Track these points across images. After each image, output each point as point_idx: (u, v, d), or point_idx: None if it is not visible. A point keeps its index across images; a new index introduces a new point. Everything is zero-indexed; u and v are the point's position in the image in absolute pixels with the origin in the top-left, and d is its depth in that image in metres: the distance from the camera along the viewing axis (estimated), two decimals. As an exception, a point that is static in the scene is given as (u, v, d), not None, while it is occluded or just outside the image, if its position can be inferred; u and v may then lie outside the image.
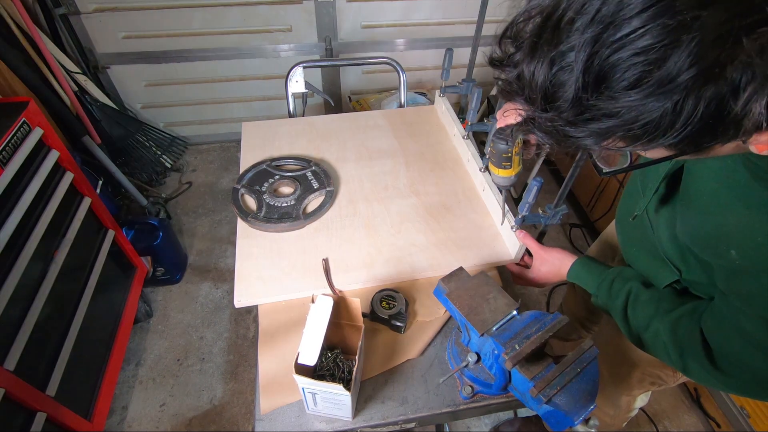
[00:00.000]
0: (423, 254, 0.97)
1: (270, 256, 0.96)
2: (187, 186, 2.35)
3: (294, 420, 0.76)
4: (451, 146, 1.26)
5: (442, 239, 1.00)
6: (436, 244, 0.99)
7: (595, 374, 0.63)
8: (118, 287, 1.58)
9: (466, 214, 1.06)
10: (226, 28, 2.15)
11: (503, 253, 0.98)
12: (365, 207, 1.07)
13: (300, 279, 0.92)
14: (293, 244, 0.98)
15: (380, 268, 0.94)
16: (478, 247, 0.99)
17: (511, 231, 0.96)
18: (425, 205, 1.08)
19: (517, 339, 0.66)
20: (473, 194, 1.12)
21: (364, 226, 1.03)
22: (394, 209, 1.07)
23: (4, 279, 1.04)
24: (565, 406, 0.60)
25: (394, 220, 1.04)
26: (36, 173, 1.19)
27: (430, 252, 0.97)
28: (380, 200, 1.09)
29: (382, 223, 1.03)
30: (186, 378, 1.61)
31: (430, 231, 1.02)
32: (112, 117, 2.11)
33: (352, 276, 0.93)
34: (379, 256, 0.96)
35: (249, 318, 1.80)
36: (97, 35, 2.07)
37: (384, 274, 0.93)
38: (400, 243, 0.99)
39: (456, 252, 0.98)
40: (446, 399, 0.79)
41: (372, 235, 1.01)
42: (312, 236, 1.00)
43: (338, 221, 1.04)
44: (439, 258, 0.96)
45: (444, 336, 0.88)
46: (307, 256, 0.96)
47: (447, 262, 0.95)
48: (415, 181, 1.15)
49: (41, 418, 1.07)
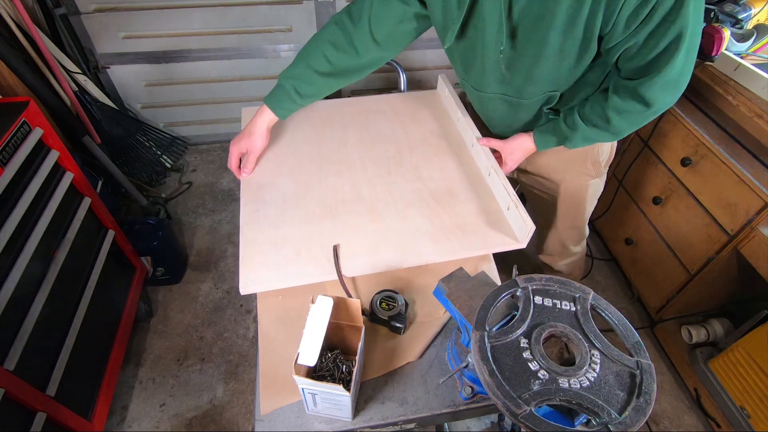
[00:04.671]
0: (429, 240, 0.96)
1: (274, 243, 0.94)
2: (187, 186, 2.35)
3: (294, 420, 0.76)
4: (455, 131, 1.25)
5: (447, 225, 0.99)
6: (441, 229, 0.98)
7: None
8: (118, 287, 1.58)
9: (471, 200, 1.05)
10: (226, 28, 2.15)
11: (510, 238, 0.97)
12: (369, 191, 1.06)
13: (306, 265, 0.91)
14: (297, 230, 0.97)
15: (386, 254, 0.93)
16: (483, 233, 0.98)
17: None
18: (430, 190, 1.07)
19: (517, 339, 0.66)
20: (478, 179, 1.11)
21: (369, 211, 1.02)
22: (399, 194, 1.06)
23: (4, 279, 1.04)
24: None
25: (399, 205, 1.03)
26: (36, 173, 1.19)
27: (436, 238, 0.96)
28: (384, 184, 1.08)
29: (386, 209, 1.02)
30: (186, 378, 1.61)
31: (435, 216, 1.01)
32: (112, 117, 2.11)
33: (359, 261, 0.92)
34: (384, 242, 0.95)
35: (249, 318, 1.80)
36: (97, 35, 2.07)
37: (390, 260, 0.92)
38: (405, 229, 0.98)
39: (462, 238, 0.97)
40: (446, 399, 0.79)
41: (377, 220, 1.00)
42: (317, 222, 0.99)
43: (342, 206, 1.03)
44: (445, 244, 0.95)
45: (444, 336, 0.88)
46: (312, 243, 0.95)
47: (452, 247, 0.95)
48: (419, 165, 1.14)
49: (41, 418, 1.07)
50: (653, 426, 1.56)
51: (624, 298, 1.94)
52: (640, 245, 1.77)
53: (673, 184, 1.54)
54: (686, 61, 0.79)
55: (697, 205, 1.45)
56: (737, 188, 1.30)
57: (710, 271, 1.44)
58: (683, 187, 1.50)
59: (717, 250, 1.40)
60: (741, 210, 1.30)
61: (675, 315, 1.65)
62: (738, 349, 1.36)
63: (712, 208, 1.40)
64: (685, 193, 1.49)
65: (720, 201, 1.37)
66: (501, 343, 0.60)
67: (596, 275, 2.02)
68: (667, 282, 1.62)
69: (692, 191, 1.47)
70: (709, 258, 1.43)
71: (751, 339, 1.32)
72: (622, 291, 1.96)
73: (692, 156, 1.44)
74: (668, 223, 1.59)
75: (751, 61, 1.39)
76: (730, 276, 1.46)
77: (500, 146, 1.09)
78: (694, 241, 1.48)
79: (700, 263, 1.46)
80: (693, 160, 1.44)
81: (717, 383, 1.45)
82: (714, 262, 1.42)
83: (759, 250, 1.25)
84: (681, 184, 1.51)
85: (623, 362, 0.59)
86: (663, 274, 1.64)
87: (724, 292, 1.56)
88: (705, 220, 1.43)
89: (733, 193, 1.32)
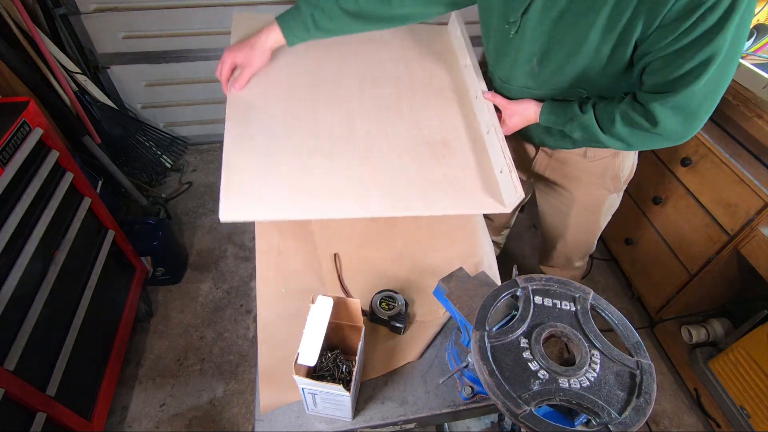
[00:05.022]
0: (418, 192, 0.92)
1: (260, 172, 0.89)
2: (187, 186, 2.35)
3: (294, 420, 0.76)
4: (461, 78, 1.17)
5: (438, 179, 0.95)
6: (432, 182, 0.94)
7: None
8: (118, 287, 1.58)
9: (465, 155, 1.00)
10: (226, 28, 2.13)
11: (497, 202, 0.93)
12: (364, 131, 1.00)
13: (292, 200, 0.86)
14: (285, 161, 0.92)
15: (376, 201, 0.89)
16: (473, 192, 0.93)
17: (504, 174, 0.92)
18: (426, 138, 1.02)
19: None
20: (476, 135, 1.04)
21: (362, 153, 0.96)
22: (394, 138, 1.00)
23: (4, 279, 1.04)
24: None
25: (393, 151, 0.98)
26: (36, 173, 1.19)
27: (425, 190, 0.92)
28: (380, 126, 1.02)
29: (379, 153, 0.97)
30: (186, 378, 1.61)
31: (427, 168, 0.96)
32: (112, 117, 2.11)
33: (347, 204, 0.87)
34: (375, 187, 0.91)
35: (249, 318, 1.80)
36: (97, 35, 2.07)
37: (379, 208, 0.88)
38: (396, 177, 0.94)
39: (451, 194, 0.92)
40: (446, 399, 0.79)
41: (368, 164, 0.95)
42: (306, 156, 0.93)
43: (334, 143, 0.97)
44: (434, 198, 0.91)
45: (444, 336, 0.88)
46: (301, 177, 0.90)
47: (441, 203, 0.91)
48: (417, 109, 1.07)
49: (41, 418, 1.07)
50: (653, 426, 1.56)
51: (624, 298, 1.94)
52: (640, 245, 1.77)
53: (673, 183, 1.54)
54: (709, 92, 0.74)
55: (697, 205, 1.45)
56: (737, 188, 1.30)
57: (710, 271, 1.44)
58: (683, 186, 1.50)
59: (717, 250, 1.40)
60: (741, 210, 1.30)
61: (675, 315, 1.65)
62: (738, 349, 1.36)
63: (712, 208, 1.40)
64: (685, 193, 1.49)
65: (720, 201, 1.37)
66: (501, 343, 0.60)
67: (596, 275, 2.02)
68: (667, 282, 1.62)
69: (692, 191, 1.47)
70: (709, 258, 1.43)
71: (751, 339, 1.32)
72: (622, 291, 1.96)
73: (692, 156, 1.44)
74: (668, 222, 1.60)
75: (751, 61, 1.39)
76: (730, 276, 1.46)
77: (504, 105, 1.01)
78: (694, 240, 1.48)
79: (700, 263, 1.46)
80: (693, 159, 1.44)
81: (717, 383, 1.45)
82: (714, 262, 1.42)
83: (759, 250, 1.25)
84: (681, 184, 1.51)
85: (623, 362, 0.59)
86: (663, 274, 1.64)
87: (724, 292, 1.56)
88: (705, 220, 1.43)
89: (733, 193, 1.32)
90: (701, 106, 0.76)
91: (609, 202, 1.19)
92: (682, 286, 1.56)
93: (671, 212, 1.57)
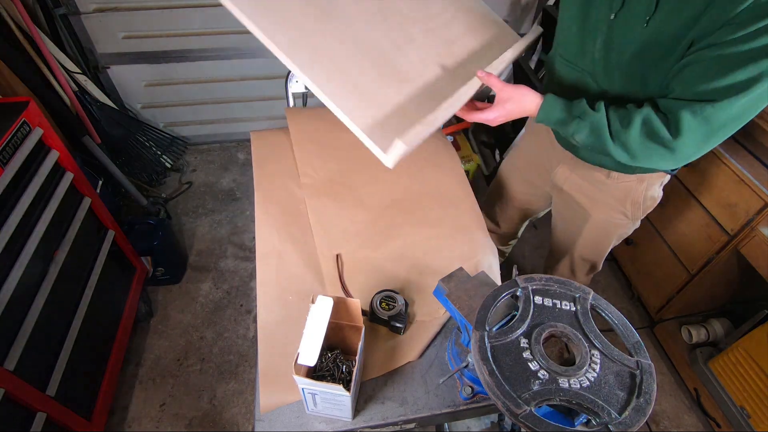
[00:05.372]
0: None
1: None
2: (187, 186, 2.35)
3: (294, 420, 0.76)
4: (481, 49, 1.03)
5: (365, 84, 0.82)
6: (356, 85, 0.82)
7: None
8: (118, 287, 1.58)
9: (404, 87, 0.86)
10: (226, 28, 2.15)
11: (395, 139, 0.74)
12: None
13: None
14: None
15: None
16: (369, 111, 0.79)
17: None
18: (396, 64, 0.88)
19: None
20: (459, 80, 0.91)
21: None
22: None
23: (4, 279, 1.04)
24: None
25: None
26: (36, 173, 1.19)
27: (348, 88, 0.80)
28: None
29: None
30: (186, 378, 1.61)
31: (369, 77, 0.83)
32: (112, 117, 2.11)
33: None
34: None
35: (249, 318, 1.80)
36: (97, 35, 2.07)
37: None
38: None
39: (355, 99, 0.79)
40: (446, 399, 0.79)
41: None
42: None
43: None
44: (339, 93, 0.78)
45: (444, 336, 0.88)
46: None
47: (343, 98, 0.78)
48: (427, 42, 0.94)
49: (41, 418, 1.07)
50: (653, 426, 1.56)
51: (624, 298, 1.94)
52: (640, 245, 1.77)
53: (673, 183, 1.54)
54: (743, 113, 0.70)
55: (697, 205, 1.45)
56: (737, 188, 1.30)
57: (710, 271, 1.44)
58: (683, 186, 1.50)
59: (717, 250, 1.40)
60: (741, 210, 1.30)
61: (675, 315, 1.65)
62: (738, 349, 1.36)
63: (712, 208, 1.40)
64: (685, 193, 1.49)
65: (720, 201, 1.37)
66: (501, 343, 0.60)
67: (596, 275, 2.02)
68: (667, 282, 1.62)
69: (692, 191, 1.47)
70: (709, 258, 1.43)
71: (751, 339, 1.32)
72: (622, 291, 1.96)
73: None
74: (668, 223, 1.59)
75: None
76: (730, 276, 1.46)
77: (500, 87, 0.90)
78: (694, 241, 1.48)
79: (700, 263, 1.46)
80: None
81: (717, 383, 1.45)
82: (714, 262, 1.42)
83: (759, 250, 1.25)
84: (681, 184, 1.51)
85: (623, 362, 0.59)
86: (663, 274, 1.64)
87: (724, 292, 1.56)
88: (705, 220, 1.43)
89: (733, 193, 1.32)
90: (727, 125, 0.72)
91: (623, 228, 1.14)
92: (682, 286, 1.56)
93: (671, 212, 1.57)
